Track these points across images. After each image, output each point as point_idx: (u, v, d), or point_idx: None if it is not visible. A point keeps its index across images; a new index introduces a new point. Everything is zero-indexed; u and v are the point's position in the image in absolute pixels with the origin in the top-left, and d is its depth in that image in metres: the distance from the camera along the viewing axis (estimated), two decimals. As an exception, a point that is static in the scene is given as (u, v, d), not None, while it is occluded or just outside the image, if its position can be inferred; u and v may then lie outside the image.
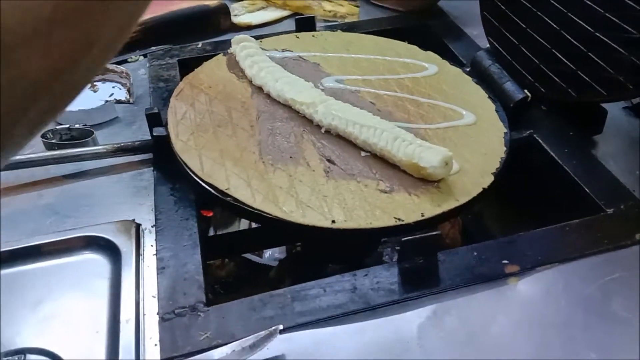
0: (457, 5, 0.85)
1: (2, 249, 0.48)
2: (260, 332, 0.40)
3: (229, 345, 0.40)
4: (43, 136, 0.60)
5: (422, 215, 0.48)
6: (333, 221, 0.48)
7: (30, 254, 0.48)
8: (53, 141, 0.60)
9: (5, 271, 0.48)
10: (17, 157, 0.55)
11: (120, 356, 0.41)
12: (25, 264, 0.48)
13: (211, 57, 0.70)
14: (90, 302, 0.45)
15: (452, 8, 0.85)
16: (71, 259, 0.49)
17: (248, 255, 0.80)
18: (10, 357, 0.42)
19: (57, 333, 0.43)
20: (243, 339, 0.40)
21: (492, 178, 0.53)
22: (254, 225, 0.76)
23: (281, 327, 0.41)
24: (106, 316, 0.44)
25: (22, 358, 0.42)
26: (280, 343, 0.41)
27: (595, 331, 0.43)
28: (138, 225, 0.50)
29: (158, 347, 0.41)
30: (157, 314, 0.43)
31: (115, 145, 0.57)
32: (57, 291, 0.46)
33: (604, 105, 0.61)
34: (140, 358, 0.41)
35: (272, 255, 0.82)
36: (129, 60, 0.74)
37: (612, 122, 0.63)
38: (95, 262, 0.48)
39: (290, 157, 0.54)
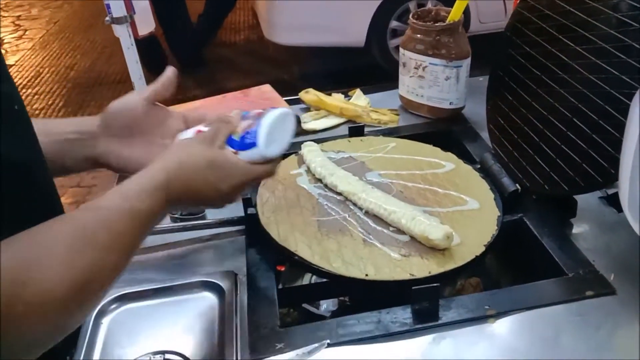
0: (475, 112, 1.08)
1: (149, 288, 0.73)
2: (314, 344, 0.62)
3: (295, 351, 0.62)
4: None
5: (429, 273, 0.70)
6: (366, 274, 0.70)
7: (167, 291, 0.73)
8: (176, 216, 0.87)
9: (152, 302, 0.73)
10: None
11: (226, 357, 0.64)
12: (164, 297, 0.73)
13: (286, 156, 0.96)
14: (206, 324, 0.69)
15: (471, 114, 1.09)
16: (192, 295, 0.73)
17: (308, 307, 1.02)
18: (155, 356, 0.66)
19: (185, 341, 0.67)
20: (303, 348, 0.62)
21: (483, 248, 0.73)
22: (313, 280, 0.99)
23: (328, 341, 0.63)
24: (216, 333, 0.68)
25: (163, 357, 0.66)
26: (326, 353, 0.63)
27: (548, 357, 0.62)
28: (235, 275, 0.75)
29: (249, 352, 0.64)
30: (248, 331, 0.66)
31: (220, 220, 0.83)
32: (185, 316, 0.71)
33: (577, 196, 0.81)
34: (239, 358, 0.64)
35: (327, 307, 1.04)
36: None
37: (588, 208, 0.82)
38: (208, 298, 0.72)
39: (339, 230, 0.78)
